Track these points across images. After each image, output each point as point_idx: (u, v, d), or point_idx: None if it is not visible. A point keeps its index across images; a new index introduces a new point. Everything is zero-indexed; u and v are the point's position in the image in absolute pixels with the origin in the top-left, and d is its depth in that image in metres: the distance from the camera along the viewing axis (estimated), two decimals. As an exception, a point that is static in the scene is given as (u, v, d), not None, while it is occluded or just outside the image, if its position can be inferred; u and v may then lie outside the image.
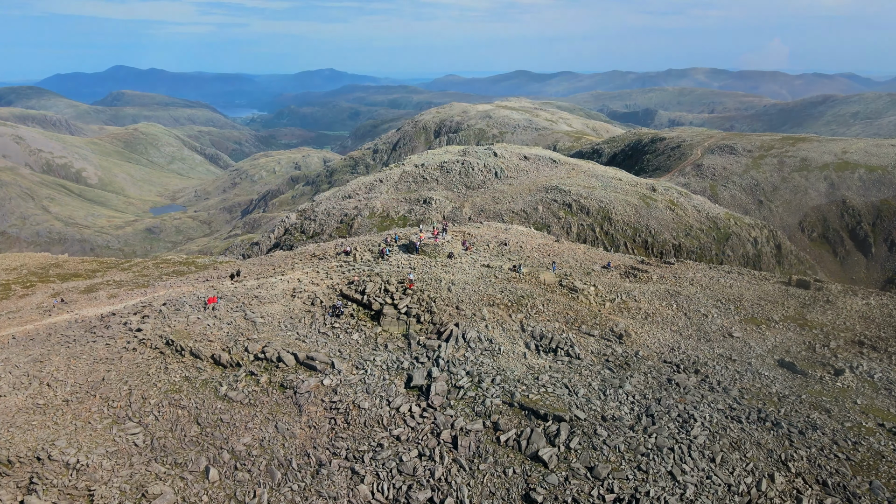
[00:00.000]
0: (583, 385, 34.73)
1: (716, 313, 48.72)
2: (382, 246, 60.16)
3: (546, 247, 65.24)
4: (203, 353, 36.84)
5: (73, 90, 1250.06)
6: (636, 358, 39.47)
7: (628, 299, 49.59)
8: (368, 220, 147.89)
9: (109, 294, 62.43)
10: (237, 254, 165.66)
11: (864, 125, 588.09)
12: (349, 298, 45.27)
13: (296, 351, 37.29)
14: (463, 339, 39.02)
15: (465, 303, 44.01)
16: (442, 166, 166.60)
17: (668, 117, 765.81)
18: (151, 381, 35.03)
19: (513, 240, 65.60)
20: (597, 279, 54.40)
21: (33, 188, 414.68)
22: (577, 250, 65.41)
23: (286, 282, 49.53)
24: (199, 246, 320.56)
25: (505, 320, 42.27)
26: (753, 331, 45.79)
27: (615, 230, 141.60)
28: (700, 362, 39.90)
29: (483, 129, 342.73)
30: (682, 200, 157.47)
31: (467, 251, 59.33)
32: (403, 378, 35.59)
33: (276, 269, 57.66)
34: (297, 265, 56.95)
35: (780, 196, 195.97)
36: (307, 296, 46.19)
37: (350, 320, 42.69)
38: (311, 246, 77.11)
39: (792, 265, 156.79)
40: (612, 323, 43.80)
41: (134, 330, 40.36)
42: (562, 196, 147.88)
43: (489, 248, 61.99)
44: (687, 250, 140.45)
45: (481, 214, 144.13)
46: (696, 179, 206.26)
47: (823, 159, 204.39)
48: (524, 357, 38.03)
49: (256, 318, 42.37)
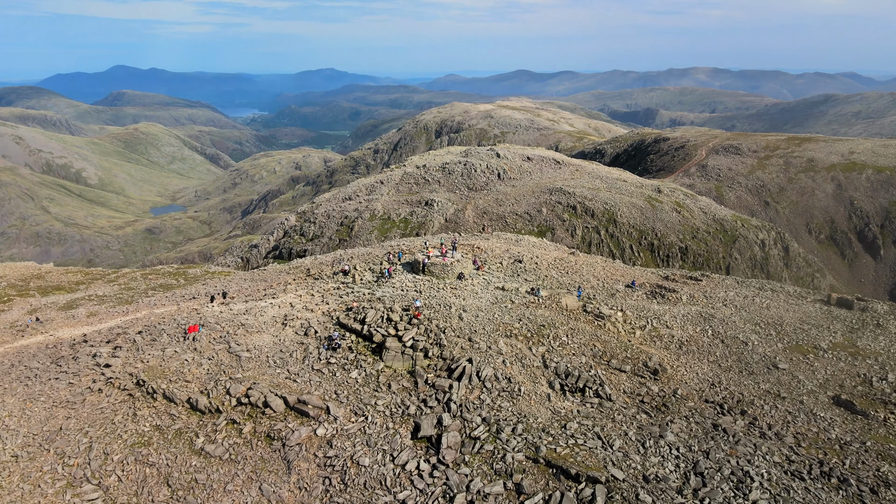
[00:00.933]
0: (618, 435, 29.87)
1: (756, 340, 44.04)
2: (386, 265, 55.13)
3: (562, 262, 60.44)
4: (178, 396, 31.91)
5: (73, 90, 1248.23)
6: (675, 398, 34.69)
7: (659, 325, 44.95)
8: (369, 223, 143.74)
9: (89, 312, 57.85)
10: (237, 255, 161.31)
11: (866, 125, 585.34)
12: (347, 328, 40.50)
13: (285, 393, 32.34)
14: (477, 378, 34.10)
15: (478, 333, 39.47)
16: (444, 167, 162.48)
17: (670, 117, 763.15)
18: (116, 431, 30.11)
19: (526, 254, 60.65)
20: (622, 301, 49.75)
21: (33, 188, 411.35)
22: (595, 265, 60.81)
23: (277, 307, 44.73)
24: (199, 247, 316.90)
25: (524, 354, 37.56)
26: (800, 361, 41.01)
27: (621, 233, 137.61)
28: (746, 401, 35.15)
29: (484, 130, 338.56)
30: (688, 202, 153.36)
31: (479, 271, 54.46)
32: (410, 426, 30.70)
33: (268, 288, 52.52)
34: (290, 285, 52.00)
35: (786, 197, 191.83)
36: (300, 324, 41.41)
37: (348, 354, 37.87)
38: (307, 259, 71.84)
39: (800, 268, 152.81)
40: (644, 355, 39.23)
41: (102, 366, 35.39)
42: (566, 198, 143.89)
43: (502, 266, 57.30)
44: (694, 253, 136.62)
45: (484, 217, 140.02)
46: (701, 180, 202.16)
47: (830, 160, 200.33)
48: (548, 399, 33.16)
49: (241, 352, 37.46)
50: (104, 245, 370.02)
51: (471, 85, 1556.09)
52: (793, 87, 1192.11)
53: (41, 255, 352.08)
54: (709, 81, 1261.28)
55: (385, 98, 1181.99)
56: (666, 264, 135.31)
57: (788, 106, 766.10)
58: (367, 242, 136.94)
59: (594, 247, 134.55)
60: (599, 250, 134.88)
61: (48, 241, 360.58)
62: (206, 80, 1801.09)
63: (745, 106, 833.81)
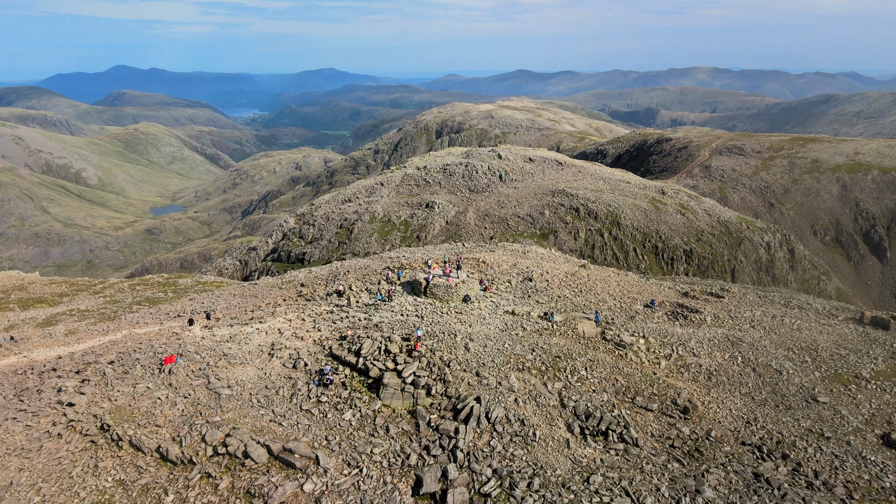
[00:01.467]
0: (649, 490, 25.99)
1: (791, 368, 40.44)
2: (385, 286, 50.97)
3: (574, 278, 56.30)
4: (146, 444, 27.99)
5: (74, 90, 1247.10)
6: (708, 441, 30.80)
7: (685, 353, 41.24)
8: (369, 226, 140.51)
9: (67, 330, 54.03)
10: (235, 257, 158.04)
11: (868, 124, 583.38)
12: (341, 361, 36.46)
13: (269, 440, 28.29)
14: (487, 420, 30.21)
15: (487, 367, 35.62)
16: (445, 169, 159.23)
17: (670, 116, 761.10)
18: (74, 487, 26.10)
19: (535, 269, 56.69)
20: (643, 325, 45.70)
21: (32, 189, 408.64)
22: (609, 280, 56.87)
23: (264, 333, 40.84)
24: (199, 247, 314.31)
25: (539, 392, 33.60)
26: (842, 393, 37.24)
27: (624, 235, 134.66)
28: (786, 442, 31.37)
29: (485, 130, 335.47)
30: (692, 204, 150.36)
31: (486, 292, 50.27)
32: (410, 480, 26.75)
33: (256, 308, 48.62)
34: (280, 307, 48.01)
35: (791, 198, 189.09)
36: (288, 355, 37.49)
37: (341, 392, 33.85)
38: (301, 273, 67.79)
39: (806, 270, 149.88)
40: (672, 390, 35.44)
41: (65, 404, 31.42)
42: (569, 200, 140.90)
43: (511, 285, 53.13)
44: (699, 256, 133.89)
45: (486, 219, 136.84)
46: (705, 181, 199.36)
47: (835, 160, 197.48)
48: (567, 445, 29.25)
49: (222, 389, 33.49)
50: (104, 246, 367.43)
51: (471, 85, 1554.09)
52: (793, 87, 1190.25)
53: (40, 256, 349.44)
54: (709, 81, 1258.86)
55: (385, 98, 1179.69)
56: (670, 267, 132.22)
57: (789, 106, 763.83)
58: (366, 245, 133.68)
59: (598, 249, 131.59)
60: (603, 253, 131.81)
61: (47, 242, 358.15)
62: (206, 80, 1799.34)
63: (746, 106, 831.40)
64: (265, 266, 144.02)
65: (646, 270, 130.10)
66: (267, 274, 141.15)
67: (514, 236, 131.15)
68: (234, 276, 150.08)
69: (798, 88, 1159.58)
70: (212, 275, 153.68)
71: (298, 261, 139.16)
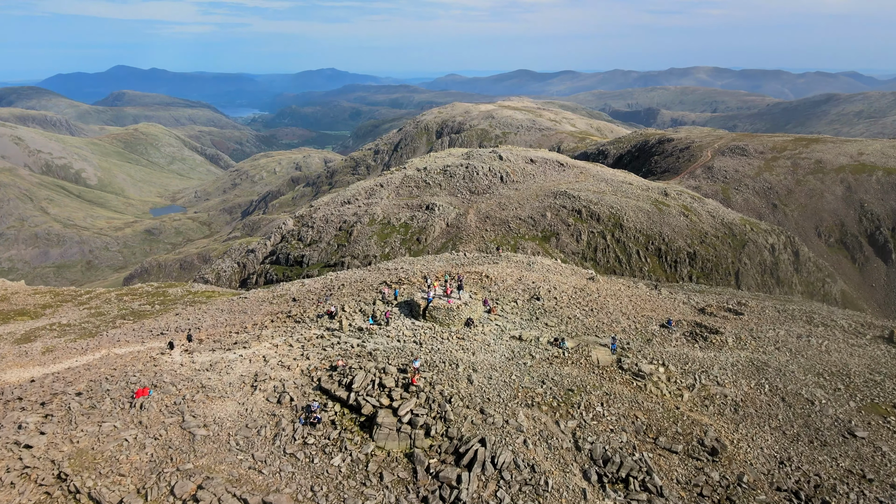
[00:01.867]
0: (678, 551, 22.96)
1: (822, 397, 37.22)
2: (383, 308, 47.68)
3: (584, 293, 53.55)
4: (106, 498, 24.42)
5: (74, 90, 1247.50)
6: (741, 487, 27.59)
7: (708, 382, 37.93)
8: (368, 228, 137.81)
9: (45, 347, 50.97)
10: (234, 259, 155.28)
11: (869, 124, 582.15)
12: (330, 395, 33.37)
13: (247, 492, 25.09)
14: (493, 466, 27.02)
15: (492, 402, 32.52)
16: (445, 170, 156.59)
17: (671, 116, 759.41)
18: (21, 553, 23.15)
19: (542, 285, 53.75)
20: (661, 349, 42.46)
21: (32, 189, 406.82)
22: (620, 296, 54.00)
23: (248, 361, 37.72)
24: (199, 248, 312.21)
25: (551, 432, 30.46)
26: (881, 426, 33.88)
27: (627, 238, 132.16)
28: (825, 486, 28.23)
29: (486, 130, 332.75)
30: (695, 205, 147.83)
31: (491, 314, 46.84)
32: (407, 541, 23.61)
33: (242, 329, 45.45)
34: (267, 329, 44.89)
35: (794, 199, 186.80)
36: (272, 388, 34.42)
37: (330, 431, 30.69)
38: (294, 286, 64.37)
39: (810, 273, 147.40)
40: (698, 428, 32.16)
41: (22, 445, 27.91)
42: (571, 202, 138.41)
43: (517, 305, 49.59)
44: (702, 259, 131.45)
45: (487, 221, 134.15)
46: (708, 182, 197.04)
47: (839, 161, 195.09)
48: (583, 496, 25.99)
49: (197, 429, 30.23)
50: (103, 246, 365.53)
51: (472, 85, 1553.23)
52: (794, 87, 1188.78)
53: (40, 257, 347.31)
54: (710, 81, 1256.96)
55: (386, 98, 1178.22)
56: (674, 270, 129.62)
57: (790, 105, 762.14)
58: (366, 248, 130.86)
59: (600, 252, 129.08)
60: (606, 256, 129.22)
61: (47, 243, 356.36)
62: (206, 80, 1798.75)
63: (747, 105, 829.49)
64: (263, 269, 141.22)
65: (649, 273, 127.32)
66: (265, 277, 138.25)
67: (515, 239, 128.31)
68: (231, 278, 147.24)
69: (799, 88, 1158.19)
70: (210, 275, 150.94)
71: (297, 263, 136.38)
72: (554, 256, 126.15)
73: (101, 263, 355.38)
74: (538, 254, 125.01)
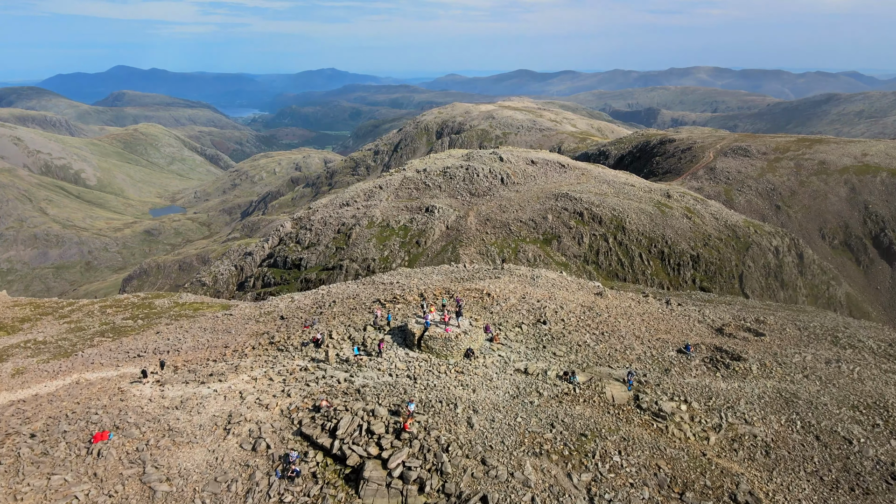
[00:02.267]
0: None
1: (861, 435, 34.71)
2: (375, 336, 43.86)
3: (592, 312, 50.72)
4: None
5: (74, 90, 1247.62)
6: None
7: (735, 420, 35.28)
8: (367, 230, 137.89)
9: (15, 369, 48.66)
10: (231, 262, 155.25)
11: (869, 124, 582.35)
12: (312, 442, 30.61)
13: None
14: (496, 532, 24.72)
15: (495, 451, 29.77)
16: (445, 172, 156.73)
17: (671, 116, 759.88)
18: None
19: (547, 301, 51.19)
20: (680, 381, 39.35)
21: (31, 190, 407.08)
22: (631, 313, 51.48)
23: (223, 396, 35.37)
24: (198, 249, 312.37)
25: (562, 487, 27.49)
26: (929, 471, 31.65)
27: (629, 240, 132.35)
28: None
29: (486, 130, 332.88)
30: (698, 207, 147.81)
31: (493, 343, 43.17)
32: None
33: (222, 354, 43.84)
34: (247, 357, 41.81)
35: (798, 201, 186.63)
36: (248, 431, 31.76)
37: (310, 486, 27.64)
38: (283, 303, 61.66)
39: (815, 275, 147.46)
40: (728, 479, 29.41)
41: None
42: (572, 204, 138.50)
43: (522, 331, 46.00)
44: (706, 261, 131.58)
45: (487, 224, 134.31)
46: (710, 183, 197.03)
47: (843, 162, 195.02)
48: (603, 570, 23.89)
49: (159, 484, 27.72)
50: (102, 247, 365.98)
51: (472, 84, 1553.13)
52: (795, 87, 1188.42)
53: (39, 258, 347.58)
54: (710, 81, 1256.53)
55: (386, 98, 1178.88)
56: (677, 273, 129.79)
57: (791, 105, 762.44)
58: (364, 251, 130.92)
59: (602, 255, 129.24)
60: (608, 259, 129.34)
61: (46, 243, 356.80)
62: (206, 80, 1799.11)
63: (748, 105, 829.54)
64: (261, 272, 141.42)
65: (652, 277, 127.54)
66: (262, 280, 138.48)
67: (516, 242, 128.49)
68: (229, 281, 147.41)
69: (799, 88, 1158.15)
70: (207, 278, 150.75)
71: (295, 266, 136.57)
72: (556, 264, 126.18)
73: (100, 264, 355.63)
74: (539, 257, 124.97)
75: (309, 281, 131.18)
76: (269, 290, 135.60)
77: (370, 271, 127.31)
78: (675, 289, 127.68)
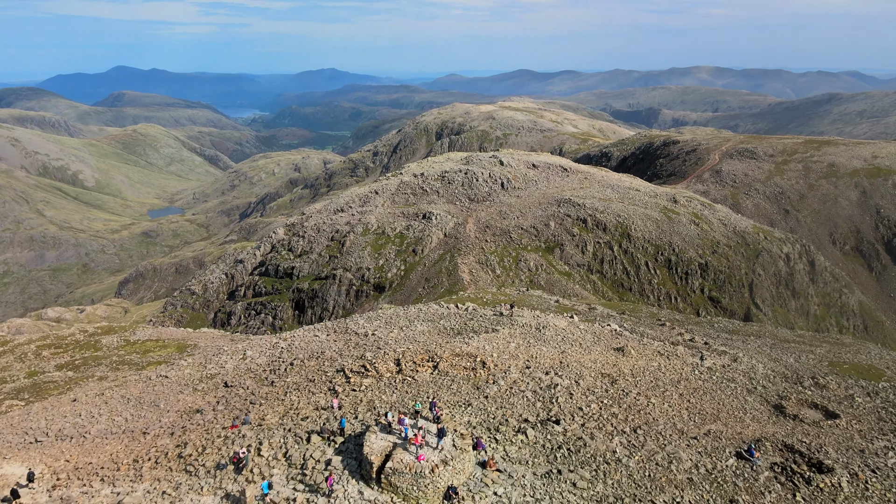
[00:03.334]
0: None
1: None
2: (325, 471, 31.00)
3: (615, 386, 41.88)
4: None
5: (74, 91, 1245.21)
6: None
7: None
8: (362, 238, 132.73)
9: None
10: (222, 270, 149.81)
11: (871, 124, 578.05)
12: None
13: None
14: None
15: None
16: (443, 176, 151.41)
17: (672, 116, 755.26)
18: None
19: (557, 368, 43.02)
20: None
21: (28, 191, 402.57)
22: (663, 382, 42.18)
23: None
24: (195, 251, 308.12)
25: None
26: None
27: (635, 248, 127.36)
28: None
29: (486, 131, 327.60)
30: (706, 213, 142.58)
31: (487, 468, 31.42)
32: None
33: (119, 461, 34.49)
34: (144, 479, 32.37)
35: (807, 205, 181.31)
36: None
37: None
38: (231, 361, 52.84)
39: (827, 283, 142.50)
40: None
41: None
42: (575, 210, 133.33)
43: (527, 438, 34.88)
44: (714, 270, 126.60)
45: (487, 231, 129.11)
46: (716, 187, 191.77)
47: (852, 165, 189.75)
48: None
49: None
50: (99, 249, 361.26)
51: (472, 84, 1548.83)
52: (796, 86, 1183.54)
53: (35, 260, 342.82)
54: (711, 80, 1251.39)
55: (386, 98, 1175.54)
56: (684, 282, 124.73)
57: (792, 105, 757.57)
58: (359, 260, 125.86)
59: (607, 264, 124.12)
60: (613, 268, 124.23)
61: (42, 245, 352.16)
62: (207, 80, 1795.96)
63: (749, 105, 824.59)
64: (252, 280, 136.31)
65: (658, 286, 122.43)
66: (253, 289, 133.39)
67: (517, 250, 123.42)
68: (219, 290, 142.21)
69: (800, 87, 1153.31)
70: (197, 287, 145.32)
71: (287, 275, 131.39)
72: (559, 273, 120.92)
73: (97, 266, 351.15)
74: (541, 266, 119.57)
75: (301, 291, 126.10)
76: (260, 299, 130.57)
77: (364, 281, 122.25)
78: (682, 299, 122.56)
